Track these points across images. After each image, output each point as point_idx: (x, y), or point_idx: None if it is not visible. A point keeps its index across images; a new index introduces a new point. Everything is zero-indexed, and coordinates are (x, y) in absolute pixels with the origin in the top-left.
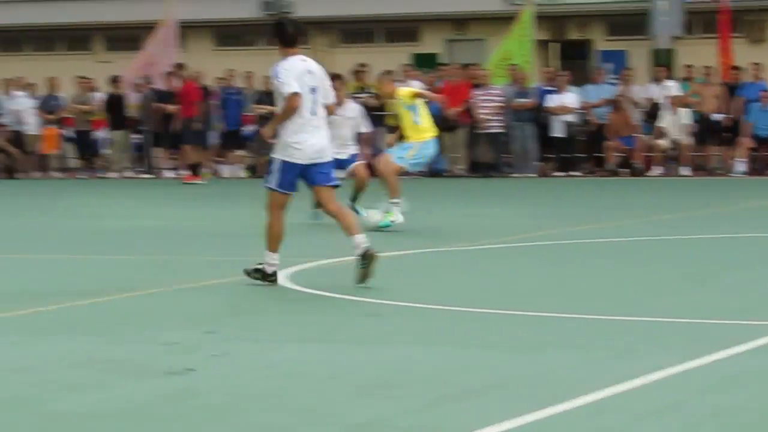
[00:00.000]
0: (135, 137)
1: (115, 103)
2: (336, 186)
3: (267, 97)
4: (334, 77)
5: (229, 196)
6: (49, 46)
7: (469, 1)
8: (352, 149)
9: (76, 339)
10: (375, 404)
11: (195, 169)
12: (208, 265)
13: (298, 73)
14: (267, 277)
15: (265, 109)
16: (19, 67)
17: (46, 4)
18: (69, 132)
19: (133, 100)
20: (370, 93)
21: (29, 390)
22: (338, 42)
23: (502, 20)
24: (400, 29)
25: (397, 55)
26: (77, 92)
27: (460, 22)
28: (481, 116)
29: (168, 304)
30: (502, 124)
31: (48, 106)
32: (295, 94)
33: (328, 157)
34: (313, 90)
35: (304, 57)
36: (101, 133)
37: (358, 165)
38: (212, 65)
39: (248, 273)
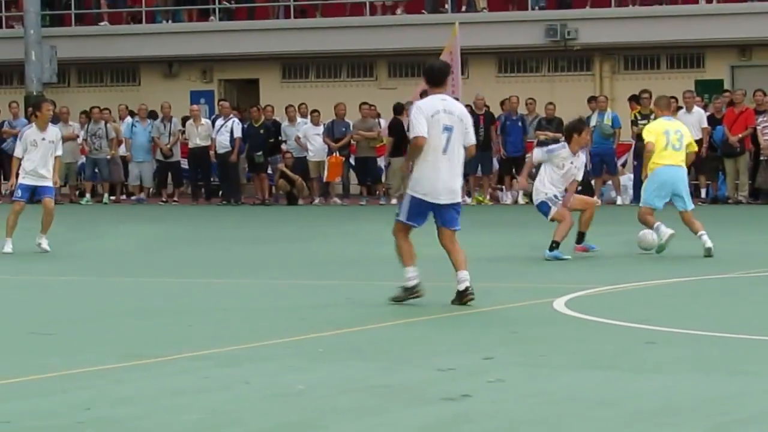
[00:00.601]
0: None
1: (396, 130)
2: (456, 230)
3: (548, 123)
4: (572, 131)
5: (506, 222)
6: (334, 72)
7: (754, 26)
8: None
9: (353, 364)
10: (651, 431)
11: None
12: (486, 292)
13: (433, 112)
14: (410, 291)
15: (547, 135)
16: (303, 93)
17: (331, 32)
18: (351, 158)
19: None
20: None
21: (305, 415)
22: (621, 68)
23: None
24: (684, 55)
25: (681, 82)
26: (361, 119)
27: (744, 48)
28: (765, 143)
29: (446, 330)
30: None
31: (332, 133)
32: (419, 137)
33: (456, 199)
34: (448, 129)
35: (444, 97)
36: (382, 160)
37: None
38: (495, 92)
39: (397, 299)
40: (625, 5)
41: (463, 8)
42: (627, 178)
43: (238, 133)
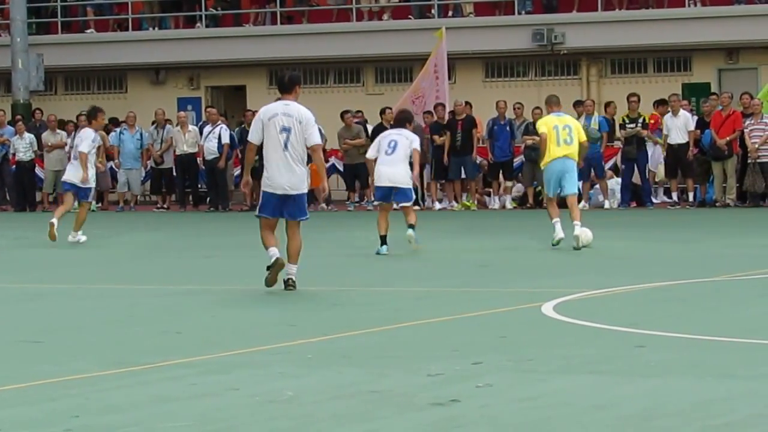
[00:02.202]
0: None
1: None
2: (303, 220)
3: (535, 128)
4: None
5: (494, 227)
6: (321, 78)
7: (740, 29)
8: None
9: (342, 370)
10: None
11: None
12: (475, 297)
13: (271, 115)
14: (271, 265)
15: (533, 140)
16: None
17: (318, 38)
18: (338, 164)
19: None
20: (642, 123)
21: (294, 422)
22: (608, 72)
23: None
24: (671, 59)
25: (668, 85)
26: (344, 127)
27: (731, 51)
28: (752, 146)
29: (434, 336)
30: None
31: None
32: (248, 143)
33: (301, 190)
34: (286, 129)
35: (288, 102)
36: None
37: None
38: (482, 96)
39: (268, 280)
40: (611, 9)
41: (450, 13)
42: (614, 182)
43: (226, 140)
